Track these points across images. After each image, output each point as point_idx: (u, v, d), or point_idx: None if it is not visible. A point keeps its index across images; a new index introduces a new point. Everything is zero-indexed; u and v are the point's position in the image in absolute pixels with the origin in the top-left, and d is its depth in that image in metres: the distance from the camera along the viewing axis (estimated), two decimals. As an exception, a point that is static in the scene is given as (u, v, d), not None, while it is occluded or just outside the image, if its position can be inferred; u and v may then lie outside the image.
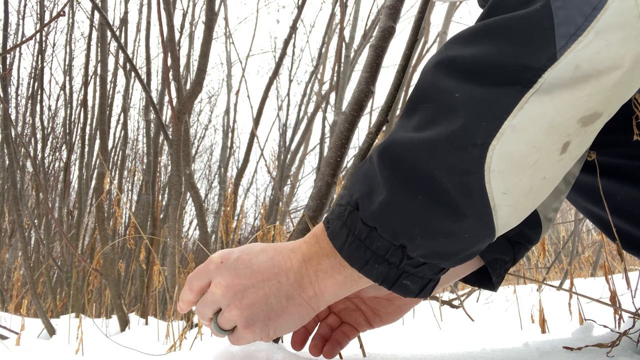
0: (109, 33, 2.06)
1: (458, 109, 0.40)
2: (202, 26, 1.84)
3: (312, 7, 16.48)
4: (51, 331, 1.83)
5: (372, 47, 0.86)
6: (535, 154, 0.40)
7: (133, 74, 3.35)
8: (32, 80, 4.37)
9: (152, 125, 3.06)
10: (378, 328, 0.62)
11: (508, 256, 0.64)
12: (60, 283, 3.87)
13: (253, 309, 0.48)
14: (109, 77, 3.90)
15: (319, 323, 0.61)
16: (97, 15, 2.05)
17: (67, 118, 4.09)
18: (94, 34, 3.23)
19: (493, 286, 0.64)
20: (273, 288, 0.48)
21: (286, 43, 3.79)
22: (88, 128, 3.62)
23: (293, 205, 7.42)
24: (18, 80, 4.94)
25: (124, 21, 3.32)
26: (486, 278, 0.64)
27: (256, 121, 3.51)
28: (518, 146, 0.40)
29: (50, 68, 4.84)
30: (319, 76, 5.10)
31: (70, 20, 4.12)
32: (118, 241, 3.55)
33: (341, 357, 0.65)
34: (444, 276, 0.54)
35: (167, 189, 4.51)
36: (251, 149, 3.56)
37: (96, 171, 3.22)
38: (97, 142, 3.63)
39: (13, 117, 4.76)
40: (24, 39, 1.41)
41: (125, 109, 3.64)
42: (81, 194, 3.31)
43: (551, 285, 0.80)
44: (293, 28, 3.81)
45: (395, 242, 0.43)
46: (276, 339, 0.65)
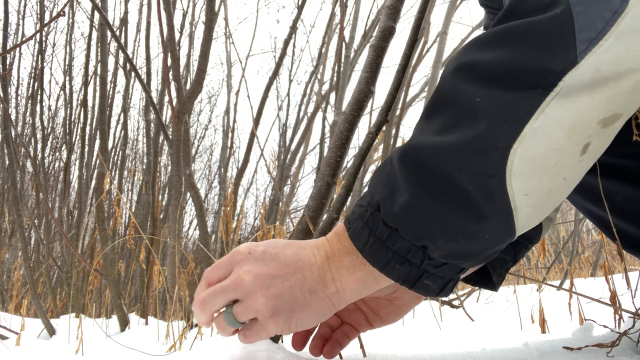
0: (109, 33, 2.06)
1: (479, 114, 0.41)
2: (202, 26, 1.84)
3: (312, 7, 16.44)
4: (51, 331, 1.83)
5: (372, 47, 0.86)
6: (556, 156, 0.41)
7: (133, 74, 3.35)
8: (32, 80, 4.36)
9: (152, 125, 3.05)
10: (378, 328, 0.62)
11: (509, 256, 0.64)
12: (60, 283, 3.87)
13: (279, 300, 0.48)
14: (109, 77, 3.90)
15: (319, 323, 0.61)
16: (97, 15, 2.05)
17: (67, 118, 4.08)
18: (94, 34, 3.23)
19: (494, 286, 0.64)
20: (298, 281, 0.48)
21: (286, 43, 3.79)
22: (88, 128, 3.61)
23: (293, 205, 7.42)
24: (18, 80, 4.94)
25: (124, 21, 3.32)
26: (487, 278, 0.64)
27: (256, 121, 3.50)
28: (539, 149, 0.40)
29: (50, 68, 4.83)
30: (319, 76, 5.10)
31: (70, 20, 4.12)
32: (118, 241, 3.55)
33: (341, 357, 0.66)
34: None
35: (167, 189, 4.51)
36: (251, 149, 3.56)
37: (96, 171, 3.21)
38: (97, 142, 3.62)
39: (13, 117, 4.76)
40: (24, 39, 1.41)
41: (125, 109, 3.63)
42: (81, 194, 3.30)
43: (551, 285, 0.80)
44: (293, 28, 3.81)
45: (416, 243, 0.44)
46: (276, 339, 0.66)
